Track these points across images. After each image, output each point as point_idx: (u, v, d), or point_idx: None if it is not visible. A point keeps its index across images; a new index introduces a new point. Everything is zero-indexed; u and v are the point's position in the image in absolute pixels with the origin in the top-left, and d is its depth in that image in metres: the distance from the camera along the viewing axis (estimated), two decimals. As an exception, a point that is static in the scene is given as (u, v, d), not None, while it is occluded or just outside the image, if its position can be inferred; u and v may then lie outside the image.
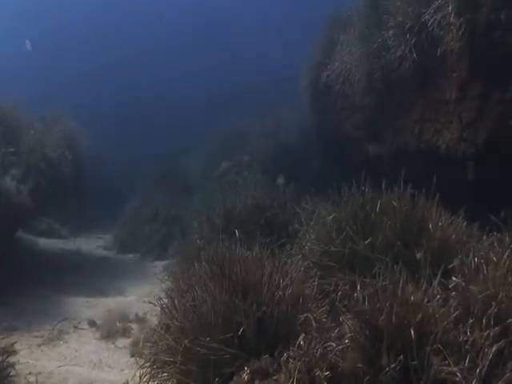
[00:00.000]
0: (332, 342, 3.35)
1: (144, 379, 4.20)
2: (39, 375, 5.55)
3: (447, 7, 5.80)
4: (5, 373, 5.17)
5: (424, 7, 6.27)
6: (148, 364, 4.28)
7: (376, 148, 8.28)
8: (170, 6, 27.68)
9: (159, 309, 4.65)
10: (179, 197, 15.04)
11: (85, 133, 12.37)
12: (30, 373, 5.59)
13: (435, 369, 2.99)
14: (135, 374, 4.43)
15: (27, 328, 7.15)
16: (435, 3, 6.04)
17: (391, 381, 3.04)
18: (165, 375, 4.12)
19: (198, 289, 4.15)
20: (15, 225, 10.15)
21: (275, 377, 3.38)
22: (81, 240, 14.77)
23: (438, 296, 3.44)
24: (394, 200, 4.78)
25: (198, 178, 15.75)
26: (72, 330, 7.28)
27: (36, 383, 5.34)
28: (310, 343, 3.35)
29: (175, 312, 4.29)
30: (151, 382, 4.19)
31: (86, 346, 6.71)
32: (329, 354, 3.28)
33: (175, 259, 9.10)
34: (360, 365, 3.17)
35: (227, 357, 3.66)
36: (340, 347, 3.30)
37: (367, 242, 4.53)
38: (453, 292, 3.56)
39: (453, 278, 3.69)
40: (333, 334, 3.48)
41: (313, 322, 3.68)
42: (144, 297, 8.36)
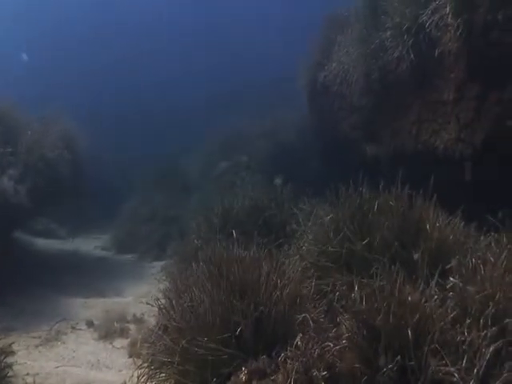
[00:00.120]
0: (329, 342, 3.35)
1: (142, 380, 4.20)
2: (37, 376, 5.55)
3: (445, 8, 5.82)
4: (2, 373, 5.17)
5: (421, 8, 6.29)
6: (146, 364, 4.27)
7: (374, 148, 8.29)
8: (170, 6, 27.63)
9: (157, 309, 4.65)
10: (178, 197, 15.03)
11: (84, 133, 12.36)
12: (28, 373, 5.59)
13: (433, 369, 2.99)
14: (133, 375, 4.42)
15: (25, 328, 7.15)
16: (433, 4, 6.06)
17: (389, 381, 3.04)
18: (162, 376, 4.11)
19: (196, 289, 4.15)
20: (12, 225, 10.15)
21: (273, 377, 3.38)
22: (79, 240, 14.77)
23: (436, 296, 3.44)
24: (392, 200, 4.77)
25: (197, 178, 15.72)
26: (70, 331, 7.28)
27: (33, 384, 5.34)
28: (308, 343, 3.35)
29: (173, 312, 4.28)
30: (149, 383, 4.18)
31: (84, 347, 6.71)
32: (326, 355, 3.28)
33: (173, 259, 9.10)
34: (357, 365, 3.18)
35: (225, 357, 3.65)
36: (337, 347, 3.31)
37: (365, 243, 4.53)
38: (450, 292, 3.57)
39: (450, 279, 3.69)
40: (330, 334, 3.48)
41: (310, 322, 3.68)
42: (142, 297, 8.33)
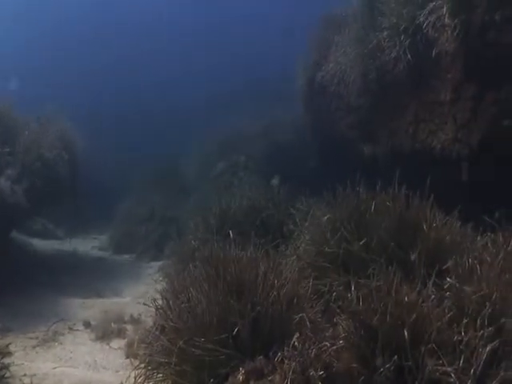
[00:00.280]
0: (326, 342, 3.35)
1: (139, 380, 4.19)
2: (34, 377, 5.52)
3: (442, 9, 5.82)
4: (-1, 374, 5.16)
5: (419, 9, 6.29)
6: (143, 365, 4.27)
7: (371, 148, 8.29)
8: (170, 6, 27.64)
9: (154, 310, 4.65)
10: (176, 197, 15.02)
11: (84, 133, 12.36)
12: (25, 374, 5.56)
13: (430, 369, 3.00)
14: (130, 375, 4.41)
15: (22, 329, 7.11)
16: (430, 5, 6.06)
17: (386, 381, 3.05)
18: (160, 376, 4.11)
19: (193, 289, 4.15)
20: (10, 225, 10.13)
21: (270, 377, 3.38)
22: (76, 241, 14.75)
23: (433, 296, 3.45)
24: (389, 201, 4.78)
25: (195, 179, 15.72)
26: (67, 332, 7.26)
27: (31, 385, 5.33)
28: (305, 343, 3.36)
29: (170, 313, 4.28)
30: (146, 383, 4.18)
31: (81, 348, 6.69)
32: (323, 354, 3.28)
33: (170, 260, 9.09)
34: (354, 365, 3.18)
35: (222, 357, 3.65)
36: (334, 347, 3.31)
37: (362, 243, 4.53)
38: (447, 292, 3.57)
39: (447, 279, 3.70)
40: (327, 334, 3.48)
41: (307, 322, 3.68)
42: (139, 298, 8.33)
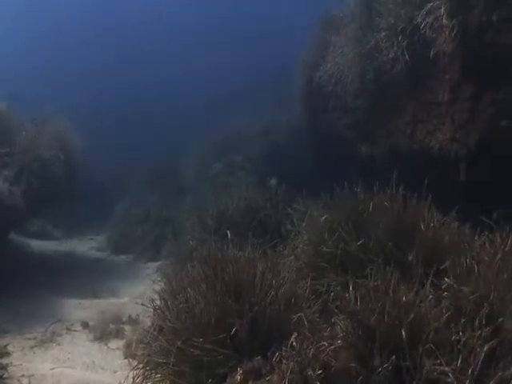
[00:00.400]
0: (324, 342, 3.35)
1: (137, 381, 4.19)
2: (32, 377, 5.51)
3: (439, 9, 5.82)
4: (-3, 375, 5.16)
5: (416, 9, 6.29)
6: (141, 365, 4.27)
7: (368, 149, 8.30)
8: (170, 6, 27.59)
9: (152, 310, 4.64)
10: (174, 198, 15.01)
11: (83, 133, 12.34)
12: (23, 375, 5.55)
13: (427, 369, 3.00)
14: (128, 376, 4.42)
15: (20, 330, 7.11)
16: (427, 5, 6.07)
17: (384, 381, 3.05)
18: (158, 376, 4.11)
19: (191, 290, 4.15)
20: (8, 226, 10.10)
21: (268, 377, 3.38)
22: (74, 241, 14.76)
23: (430, 296, 3.45)
24: (387, 201, 4.78)
25: (193, 179, 15.68)
26: (65, 332, 7.25)
27: (28, 385, 5.32)
28: (303, 343, 3.36)
29: (168, 313, 4.28)
30: (144, 384, 4.18)
31: (79, 348, 6.68)
32: (321, 354, 3.28)
33: (168, 260, 9.09)
34: (353, 364, 3.18)
35: (220, 357, 3.65)
36: (332, 347, 3.31)
37: (359, 243, 4.54)
38: (445, 292, 3.58)
39: (445, 279, 3.70)
40: (325, 334, 3.48)
41: (305, 322, 3.68)
42: (137, 298, 8.32)
